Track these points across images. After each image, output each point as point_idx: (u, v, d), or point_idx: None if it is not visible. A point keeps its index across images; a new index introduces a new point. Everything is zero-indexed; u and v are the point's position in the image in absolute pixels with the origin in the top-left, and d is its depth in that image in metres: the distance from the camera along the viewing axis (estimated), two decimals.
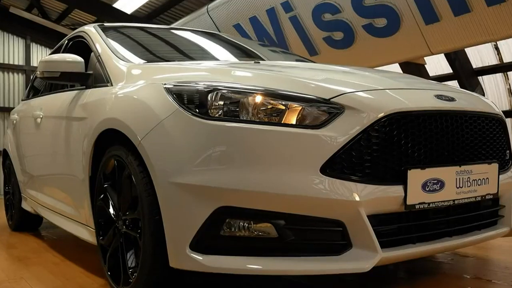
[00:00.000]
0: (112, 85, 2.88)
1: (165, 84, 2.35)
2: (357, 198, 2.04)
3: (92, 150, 2.79)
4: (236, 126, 2.09)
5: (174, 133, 2.19)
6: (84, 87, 3.19)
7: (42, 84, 4.55)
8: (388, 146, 2.11)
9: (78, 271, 3.19)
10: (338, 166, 2.06)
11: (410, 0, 7.01)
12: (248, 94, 2.15)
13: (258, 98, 2.13)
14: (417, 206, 2.16)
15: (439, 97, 2.37)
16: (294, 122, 2.09)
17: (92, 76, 3.16)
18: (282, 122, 2.10)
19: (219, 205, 2.06)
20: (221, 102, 2.15)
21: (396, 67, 9.29)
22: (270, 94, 2.15)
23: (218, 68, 2.78)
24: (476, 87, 9.35)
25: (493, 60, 9.42)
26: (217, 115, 2.14)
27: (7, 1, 14.80)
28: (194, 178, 2.10)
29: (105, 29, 3.59)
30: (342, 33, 8.37)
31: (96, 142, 2.76)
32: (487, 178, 2.41)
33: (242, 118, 2.12)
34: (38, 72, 3.23)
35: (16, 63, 17.28)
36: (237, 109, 2.13)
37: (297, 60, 4.01)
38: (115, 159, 2.58)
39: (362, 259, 2.07)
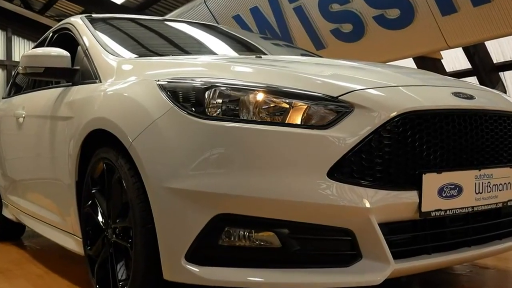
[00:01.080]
0: (100, 82, 2.88)
1: (158, 80, 2.35)
2: (368, 205, 2.04)
3: (79, 152, 2.79)
4: (235, 126, 2.09)
5: (168, 134, 2.19)
6: (71, 83, 3.20)
7: (24, 80, 4.56)
8: (401, 148, 2.12)
9: (63, 284, 3.18)
10: (346, 169, 2.06)
11: None
12: (249, 91, 2.15)
13: (260, 96, 2.14)
14: (432, 214, 2.16)
15: (457, 94, 2.37)
16: (299, 122, 2.10)
17: (79, 72, 3.16)
18: (286, 122, 2.10)
19: (217, 212, 2.07)
20: (220, 100, 2.16)
21: (410, 62, 9.29)
22: (273, 91, 2.15)
23: (216, 63, 2.79)
24: (497, 84, 9.36)
25: None
26: (215, 114, 2.14)
27: None
28: (190, 183, 2.10)
29: (93, 21, 3.59)
30: (351, 25, 8.38)
31: (84, 144, 2.76)
32: (509, 183, 2.41)
33: (242, 117, 2.12)
34: (20, 68, 3.23)
35: None
36: (237, 108, 2.14)
37: (302, 55, 4.02)
38: (104, 162, 2.58)
39: (373, 271, 2.07)
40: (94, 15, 3.79)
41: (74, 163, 2.84)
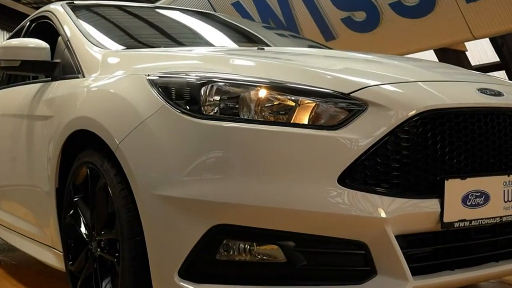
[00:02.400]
0: (84, 77, 2.89)
1: (148, 75, 2.36)
2: (383, 215, 2.04)
3: (59, 156, 2.80)
4: (235, 127, 2.10)
5: (160, 135, 2.19)
6: (50, 79, 3.20)
7: None
8: (420, 151, 2.12)
9: None
10: (359, 175, 2.06)
11: None
12: (250, 87, 2.16)
13: (262, 93, 2.14)
14: (456, 224, 2.17)
15: (483, 91, 2.37)
16: (306, 121, 2.10)
17: (59, 66, 3.17)
18: (292, 121, 2.10)
19: (215, 223, 2.07)
20: (217, 97, 2.16)
21: (430, 55, 9.29)
22: (277, 87, 2.16)
23: (214, 55, 2.79)
24: None
25: None
26: (212, 113, 2.14)
27: None
28: (184, 190, 2.10)
29: (75, 8, 3.60)
30: (364, 13, 8.37)
31: (65, 146, 2.76)
32: None
33: (243, 116, 2.12)
34: None
35: None
36: (237, 106, 2.14)
37: (309, 46, 4.02)
38: (87, 167, 2.59)
39: None
40: (76, 2, 3.80)
41: (54, 168, 2.84)
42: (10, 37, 4.31)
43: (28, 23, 4.14)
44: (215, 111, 2.15)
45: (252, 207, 2.03)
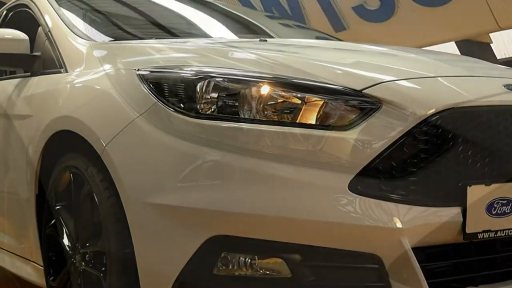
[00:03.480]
0: (66, 71, 2.89)
1: (138, 69, 2.36)
2: (399, 225, 2.04)
3: (39, 159, 2.80)
4: (235, 127, 2.10)
5: (151, 136, 2.19)
6: (29, 74, 3.21)
7: None
8: (440, 154, 2.12)
9: None
10: (373, 181, 2.06)
11: None
12: (251, 83, 2.16)
13: (265, 89, 2.14)
14: (480, 235, 2.16)
15: (510, 87, 2.37)
16: (313, 121, 2.10)
17: (39, 59, 3.17)
18: (297, 121, 2.10)
19: (212, 234, 2.07)
20: (215, 95, 2.16)
21: (452, 47, 9.29)
22: (281, 83, 2.16)
23: (211, 48, 2.79)
24: None
25: None
26: (209, 112, 2.15)
27: None
28: (178, 198, 2.10)
29: None
30: (378, 1, 8.39)
31: (45, 149, 2.77)
32: None
33: (243, 116, 2.13)
34: None
35: None
36: (236, 104, 2.15)
37: (317, 38, 4.02)
38: (70, 171, 2.59)
39: None
40: None
41: (33, 172, 2.84)
42: None
43: (4, 12, 4.14)
44: (212, 109, 2.15)
45: (253, 216, 2.04)
